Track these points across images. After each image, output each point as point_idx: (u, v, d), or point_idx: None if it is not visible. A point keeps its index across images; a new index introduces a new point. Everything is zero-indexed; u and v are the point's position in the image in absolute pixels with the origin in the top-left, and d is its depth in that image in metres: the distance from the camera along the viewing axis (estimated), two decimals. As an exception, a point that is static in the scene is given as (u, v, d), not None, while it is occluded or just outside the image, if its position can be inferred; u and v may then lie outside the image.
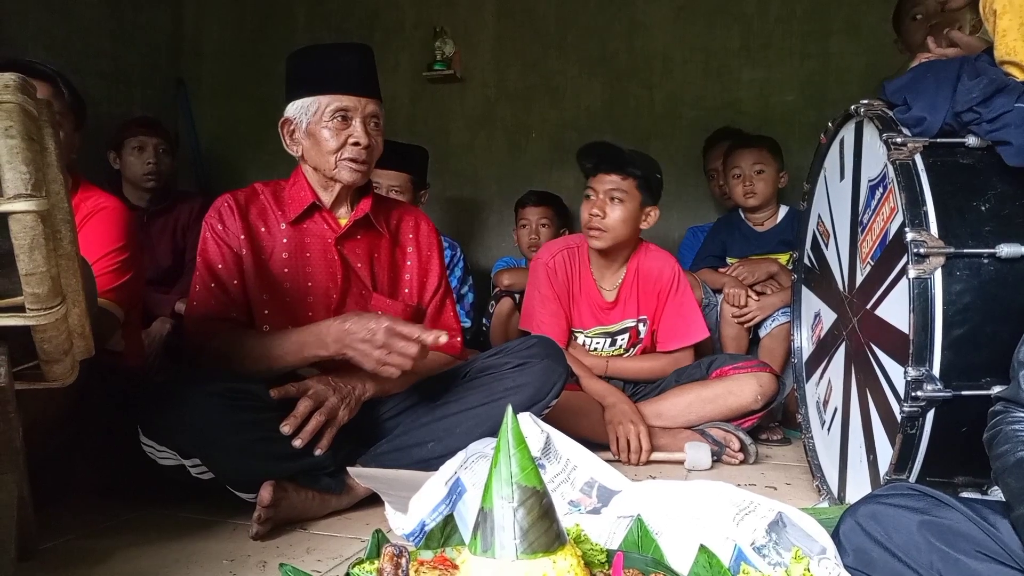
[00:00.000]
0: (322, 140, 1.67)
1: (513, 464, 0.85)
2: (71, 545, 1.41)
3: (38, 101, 1.02)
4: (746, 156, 2.76)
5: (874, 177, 1.52)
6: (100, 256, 1.66)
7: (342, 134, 1.66)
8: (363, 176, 1.72)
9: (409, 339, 1.51)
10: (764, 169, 2.75)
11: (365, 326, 1.52)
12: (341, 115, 1.66)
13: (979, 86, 1.34)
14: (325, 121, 1.66)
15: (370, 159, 1.71)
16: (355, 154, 1.67)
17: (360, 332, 1.52)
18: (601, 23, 3.48)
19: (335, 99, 1.65)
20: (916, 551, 1.00)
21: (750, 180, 2.75)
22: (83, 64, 3.27)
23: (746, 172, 2.76)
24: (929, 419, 1.31)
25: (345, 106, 1.66)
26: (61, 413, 1.53)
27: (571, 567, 0.84)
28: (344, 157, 1.67)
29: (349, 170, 1.69)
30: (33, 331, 1.00)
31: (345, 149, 1.67)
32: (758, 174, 2.75)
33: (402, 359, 1.52)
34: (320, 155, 1.69)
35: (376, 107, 1.70)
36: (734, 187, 2.80)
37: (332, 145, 1.66)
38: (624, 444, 2.10)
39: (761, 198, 2.77)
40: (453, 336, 1.89)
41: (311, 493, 1.54)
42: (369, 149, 1.69)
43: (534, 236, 3.08)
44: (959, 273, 1.29)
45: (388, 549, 0.84)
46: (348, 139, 1.66)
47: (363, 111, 1.67)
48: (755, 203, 2.78)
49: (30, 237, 0.95)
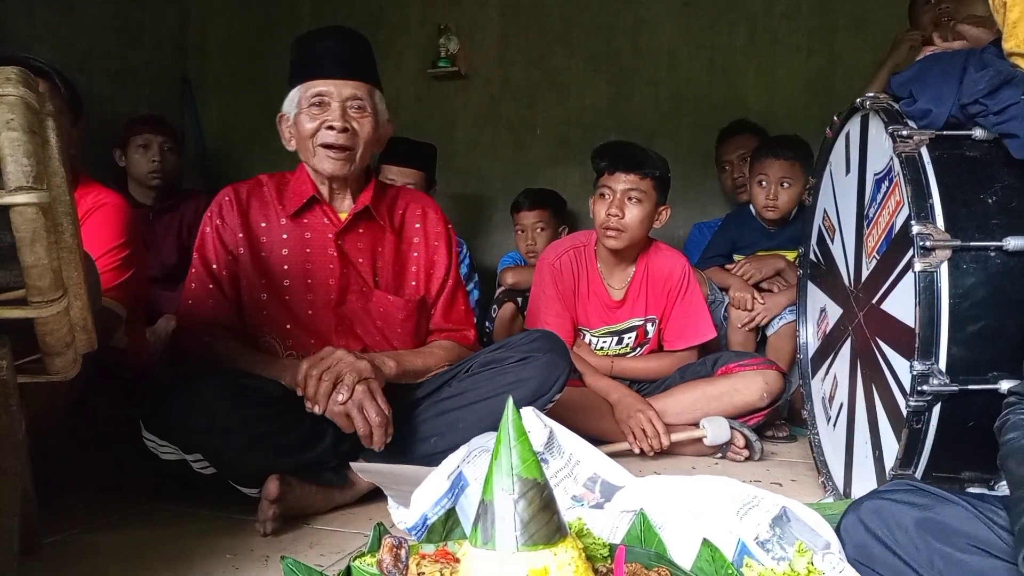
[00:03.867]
0: (301, 128, 1.64)
1: (514, 456, 0.84)
2: (74, 539, 1.41)
3: (39, 95, 1.02)
4: (775, 167, 2.65)
5: (880, 170, 1.51)
6: (101, 254, 1.66)
7: (317, 120, 1.62)
8: (343, 165, 1.65)
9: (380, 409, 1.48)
10: (791, 183, 2.63)
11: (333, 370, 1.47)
12: (317, 99, 1.62)
13: (985, 78, 1.33)
14: (304, 108, 1.63)
15: (351, 144, 1.63)
16: (331, 139, 1.61)
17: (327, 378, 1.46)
18: (606, 20, 3.47)
19: (312, 85, 1.62)
20: (915, 549, 0.99)
21: (774, 193, 2.65)
22: (88, 62, 3.28)
23: (772, 182, 2.65)
24: (935, 414, 1.30)
25: (320, 91, 1.61)
26: (64, 408, 1.53)
27: (572, 559, 0.83)
28: (320, 143, 1.62)
29: (327, 159, 1.63)
30: (35, 324, 1.00)
31: (320, 134, 1.62)
32: (783, 187, 2.65)
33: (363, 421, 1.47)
34: (303, 145, 1.66)
35: (356, 89, 1.63)
36: (756, 194, 2.70)
37: (308, 130, 1.62)
38: (640, 433, 2.09)
39: (782, 212, 2.69)
40: (465, 328, 1.88)
41: (314, 487, 1.54)
42: (347, 134, 1.61)
43: (531, 242, 3.05)
44: (966, 266, 1.28)
45: (387, 540, 0.83)
46: (323, 124, 1.62)
47: (340, 95, 1.62)
48: (774, 216, 2.70)
49: (31, 230, 0.95)
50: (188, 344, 1.67)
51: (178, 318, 1.72)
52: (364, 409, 1.46)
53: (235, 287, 1.69)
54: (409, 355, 1.71)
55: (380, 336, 1.75)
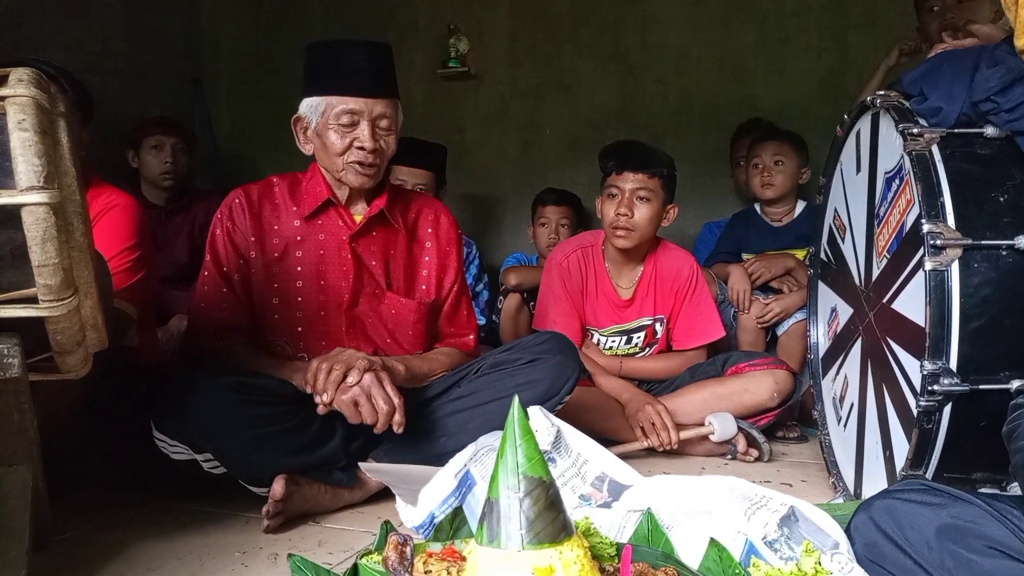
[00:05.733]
0: (329, 143, 1.64)
1: (519, 454, 0.84)
2: (86, 537, 1.42)
3: (51, 96, 1.03)
4: (767, 147, 2.75)
5: (890, 169, 1.50)
6: (113, 255, 1.67)
7: (348, 137, 1.63)
8: (370, 179, 1.68)
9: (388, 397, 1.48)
10: (783, 161, 2.73)
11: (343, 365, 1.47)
12: (347, 117, 1.62)
13: (997, 75, 1.32)
14: (332, 123, 1.63)
15: (379, 162, 1.67)
16: (361, 158, 1.63)
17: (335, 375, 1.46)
18: (615, 19, 3.46)
19: (342, 101, 1.62)
20: (928, 549, 0.98)
21: (769, 172, 2.74)
22: (101, 64, 3.30)
23: (766, 163, 2.74)
24: (946, 414, 1.29)
25: (352, 108, 1.62)
26: (76, 407, 1.55)
27: (577, 558, 0.83)
28: (350, 160, 1.64)
29: (355, 173, 1.66)
30: (46, 322, 1.01)
31: (351, 152, 1.64)
32: (776, 165, 2.73)
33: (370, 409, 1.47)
34: (327, 157, 1.67)
35: (386, 107, 1.65)
36: (752, 177, 2.78)
37: (338, 148, 1.63)
38: (650, 427, 2.09)
39: (779, 190, 2.75)
40: (467, 334, 1.89)
41: (323, 487, 1.55)
42: (376, 152, 1.65)
43: (554, 236, 3.04)
44: (977, 265, 1.27)
45: (393, 538, 0.84)
46: (354, 143, 1.63)
47: (371, 113, 1.63)
48: (772, 195, 2.76)
49: (42, 229, 0.96)
50: (200, 347, 1.69)
51: (190, 320, 1.73)
52: (372, 397, 1.46)
53: (246, 289, 1.70)
54: (415, 360, 1.72)
55: (391, 338, 1.76)
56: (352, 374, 1.45)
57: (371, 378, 1.47)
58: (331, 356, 1.50)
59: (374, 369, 1.48)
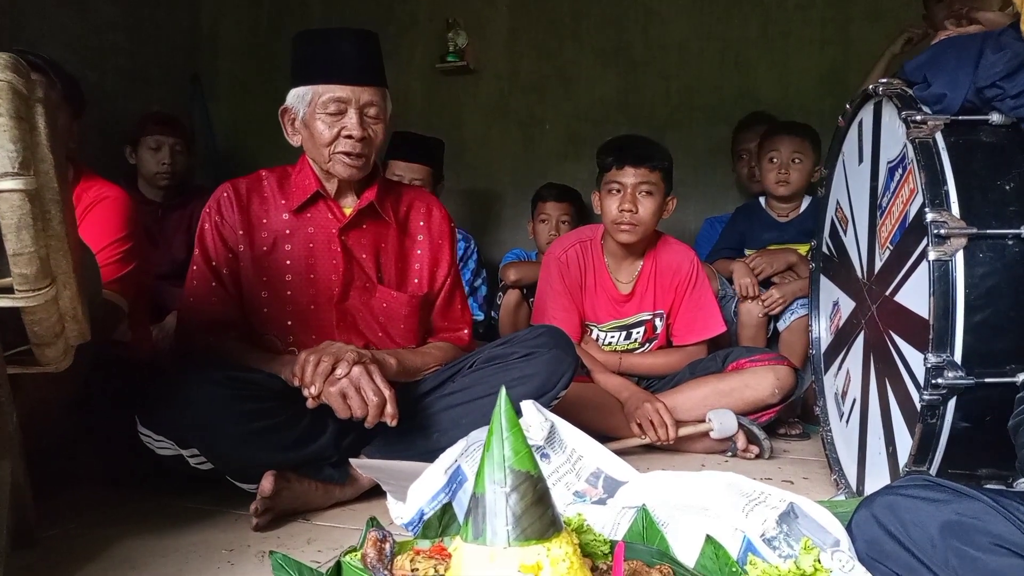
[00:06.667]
0: (316, 132, 1.61)
1: (506, 447, 0.81)
2: (72, 533, 1.40)
3: (29, 81, 1.00)
4: (786, 142, 2.67)
5: (893, 158, 1.46)
6: (102, 247, 1.65)
7: (335, 126, 1.60)
8: (359, 170, 1.65)
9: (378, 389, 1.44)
10: (802, 159, 2.66)
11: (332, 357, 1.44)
12: (335, 106, 1.59)
13: (1003, 60, 1.29)
14: (319, 112, 1.59)
15: (367, 151, 1.63)
16: (349, 147, 1.60)
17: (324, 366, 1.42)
18: (616, 12, 3.43)
19: (329, 89, 1.58)
20: (931, 547, 0.95)
21: (786, 168, 2.67)
22: (100, 61, 3.29)
23: (783, 159, 2.67)
24: (950, 408, 1.26)
25: (339, 96, 1.58)
26: (65, 402, 1.52)
27: (566, 555, 0.80)
28: (338, 150, 1.61)
29: (343, 164, 1.62)
30: (22, 313, 0.98)
31: (338, 142, 1.61)
32: (794, 163, 2.67)
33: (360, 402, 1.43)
34: (315, 148, 1.63)
35: (373, 96, 1.61)
36: (767, 172, 2.71)
37: (326, 137, 1.60)
38: (648, 424, 2.07)
39: (794, 188, 2.69)
40: (461, 328, 1.86)
41: (314, 484, 1.52)
42: (365, 141, 1.61)
43: (554, 233, 3.00)
44: (982, 255, 1.24)
45: (371, 534, 0.81)
46: (341, 131, 1.60)
47: (358, 101, 1.59)
48: (785, 192, 2.70)
49: (17, 216, 0.93)
50: (189, 342, 1.66)
51: (179, 316, 1.71)
52: (362, 389, 1.42)
53: (236, 284, 1.67)
54: (408, 354, 1.69)
55: (382, 332, 1.73)
56: (341, 366, 1.42)
57: (360, 370, 1.43)
58: (319, 349, 1.47)
59: (363, 362, 1.45)
